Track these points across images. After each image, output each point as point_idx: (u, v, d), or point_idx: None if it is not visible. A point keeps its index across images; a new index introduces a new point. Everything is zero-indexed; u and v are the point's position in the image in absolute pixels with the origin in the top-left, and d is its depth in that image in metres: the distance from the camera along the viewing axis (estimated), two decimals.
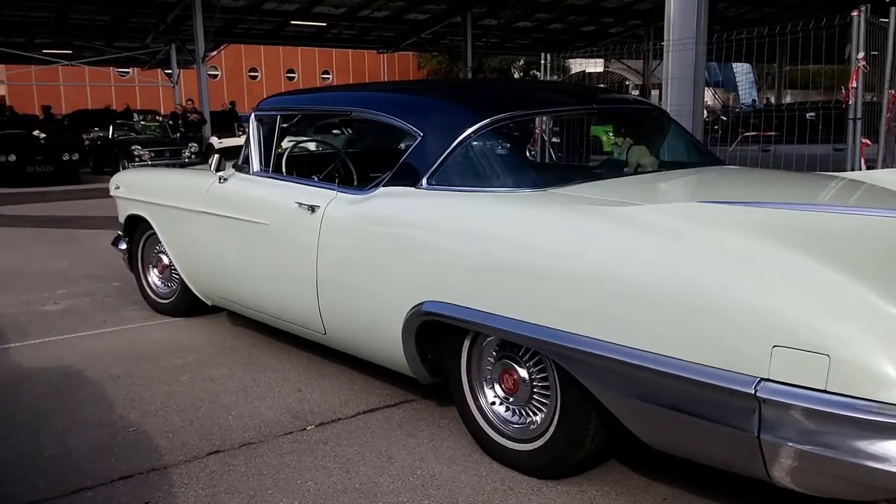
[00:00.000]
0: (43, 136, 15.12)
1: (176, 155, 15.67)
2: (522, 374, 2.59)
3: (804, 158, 7.16)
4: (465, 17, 23.20)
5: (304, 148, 4.24)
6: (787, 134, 8.47)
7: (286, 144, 3.93)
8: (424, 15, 23.47)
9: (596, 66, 34.38)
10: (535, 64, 36.10)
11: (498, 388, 2.71)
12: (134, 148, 15.28)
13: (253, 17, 22.39)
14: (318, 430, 3.04)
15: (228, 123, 19.90)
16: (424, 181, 2.93)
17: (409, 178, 2.99)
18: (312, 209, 3.27)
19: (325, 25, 24.25)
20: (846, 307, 1.84)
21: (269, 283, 3.63)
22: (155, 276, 4.89)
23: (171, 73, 24.37)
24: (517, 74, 44.73)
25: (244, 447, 2.89)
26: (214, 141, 18.08)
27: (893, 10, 6.02)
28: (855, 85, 6.16)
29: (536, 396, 2.57)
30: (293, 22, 23.21)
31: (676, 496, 2.46)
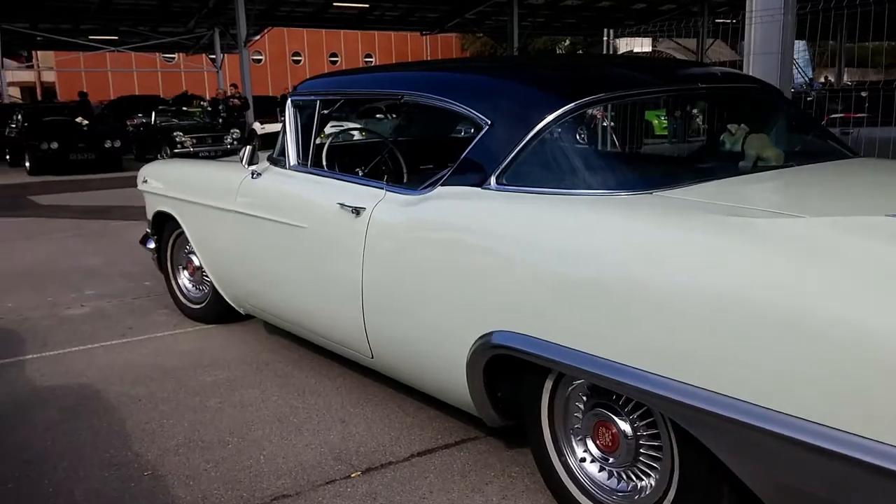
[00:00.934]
0: (85, 123, 14.97)
1: (218, 141, 15.37)
2: (624, 427, 2.04)
3: (889, 142, 6.44)
4: None
5: (347, 138, 3.73)
6: (871, 115, 7.73)
7: (327, 134, 3.43)
8: None
9: (643, 45, 33.25)
10: (579, 45, 34.96)
11: (591, 443, 2.17)
12: (176, 134, 15.01)
13: None
14: (364, 478, 2.54)
15: (272, 109, 19.55)
16: (493, 180, 2.38)
17: (473, 175, 2.45)
18: (357, 211, 2.76)
19: (367, 7, 23.70)
20: None
21: (306, 295, 3.14)
22: (185, 278, 4.46)
23: (214, 57, 24.19)
24: None
25: (276, 501, 2.41)
26: (257, 126, 17.75)
27: None
28: None
29: (643, 458, 2.02)
30: (335, 4, 22.73)
31: None
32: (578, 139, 2.45)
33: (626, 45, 31.88)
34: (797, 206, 2.08)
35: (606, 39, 8.41)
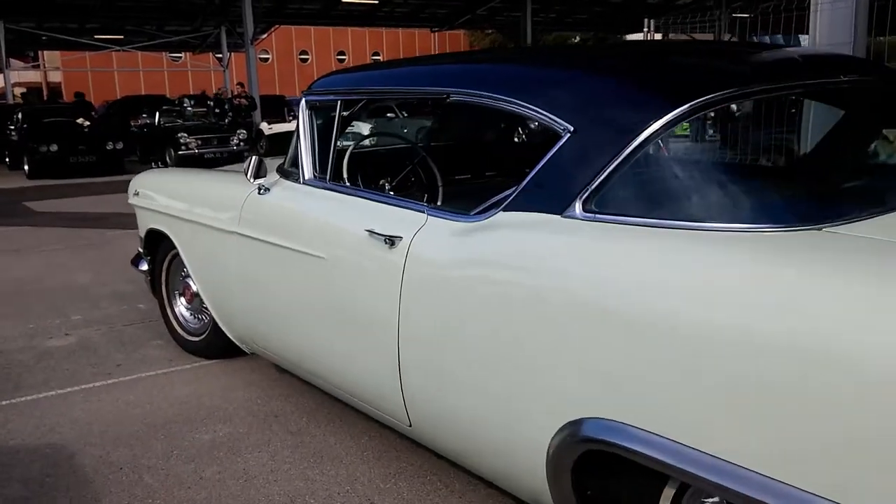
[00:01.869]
0: (87, 124, 14.43)
1: (224, 143, 14.80)
2: None
3: None
4: None
5: (374, 146, 3.12)
6: None
7: (350, 140, 2.82)
8: None
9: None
10: (590, 42, 34.19)
11: None
12: (180, 136, 14.44)
13: None
14: None
15: (279, 109, 18.97)
16: (578, 206, 1.77)
17: (549, 199, 1.84)
18: (392, 241, 2.16)
19: (376, 3, 23.11)
20: None
21: (325, 342, 2.53)
22: (182, 306, 3.86)
23: (221, 56, 23.67)
24: None
25: None
26: (264, 127, 17.20)
27: None
28: None
29: None
30: (344, 0, 22.17)
31: None
32: (710, 153, 1.84)
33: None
34: None
35: (646, 31, 7.78)
